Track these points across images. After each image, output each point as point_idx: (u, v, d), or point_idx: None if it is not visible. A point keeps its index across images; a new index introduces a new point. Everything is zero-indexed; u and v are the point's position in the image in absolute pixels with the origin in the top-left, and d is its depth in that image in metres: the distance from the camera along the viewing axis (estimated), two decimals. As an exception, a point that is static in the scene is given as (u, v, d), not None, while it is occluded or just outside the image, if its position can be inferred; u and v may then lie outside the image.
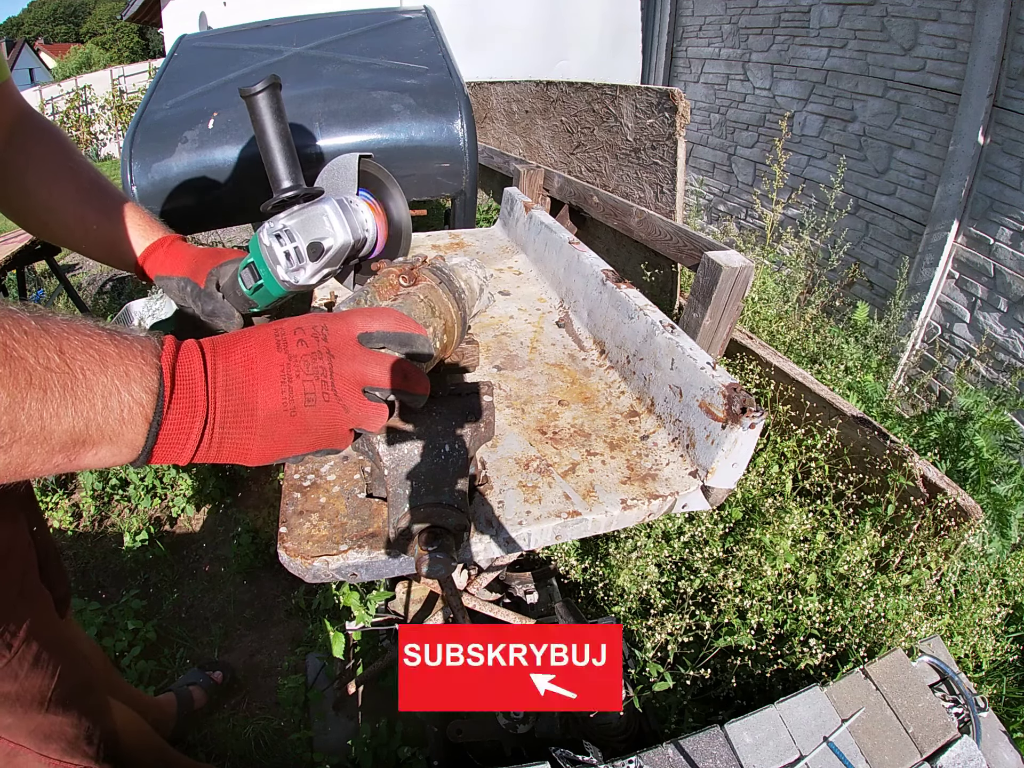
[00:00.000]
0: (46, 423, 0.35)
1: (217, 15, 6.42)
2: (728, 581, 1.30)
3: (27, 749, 0.77)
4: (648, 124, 2.03)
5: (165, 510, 2.15)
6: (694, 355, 0.72)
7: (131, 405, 0.38)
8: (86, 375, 0.36)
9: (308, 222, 0.64)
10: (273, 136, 0.66)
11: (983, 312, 3.04)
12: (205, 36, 2.38)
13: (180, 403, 0.40)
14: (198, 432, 0.41)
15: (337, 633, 1.47)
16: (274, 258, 0.65)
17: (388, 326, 0.49)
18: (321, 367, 0.45)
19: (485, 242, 1.36)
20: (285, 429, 0.44)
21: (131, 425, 0.39)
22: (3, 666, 0.71)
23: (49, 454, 0.36)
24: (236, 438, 0.43)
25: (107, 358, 0.38)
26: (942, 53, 3.11)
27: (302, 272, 0.65)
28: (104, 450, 0.39)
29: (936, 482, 1.34)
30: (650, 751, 0.99)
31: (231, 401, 0.42)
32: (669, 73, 5.48)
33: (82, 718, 0.85)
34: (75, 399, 0.36)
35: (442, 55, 2.04)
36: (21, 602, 0.75)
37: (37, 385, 0.34)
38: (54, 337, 0.36)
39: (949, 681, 1.16)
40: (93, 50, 26.52)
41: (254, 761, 1.45)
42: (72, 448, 0.37)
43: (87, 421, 0.36)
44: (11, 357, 0.33)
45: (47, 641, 0.78)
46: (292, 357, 0.44)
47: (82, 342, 0.37)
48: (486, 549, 0.61)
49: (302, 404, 0.44)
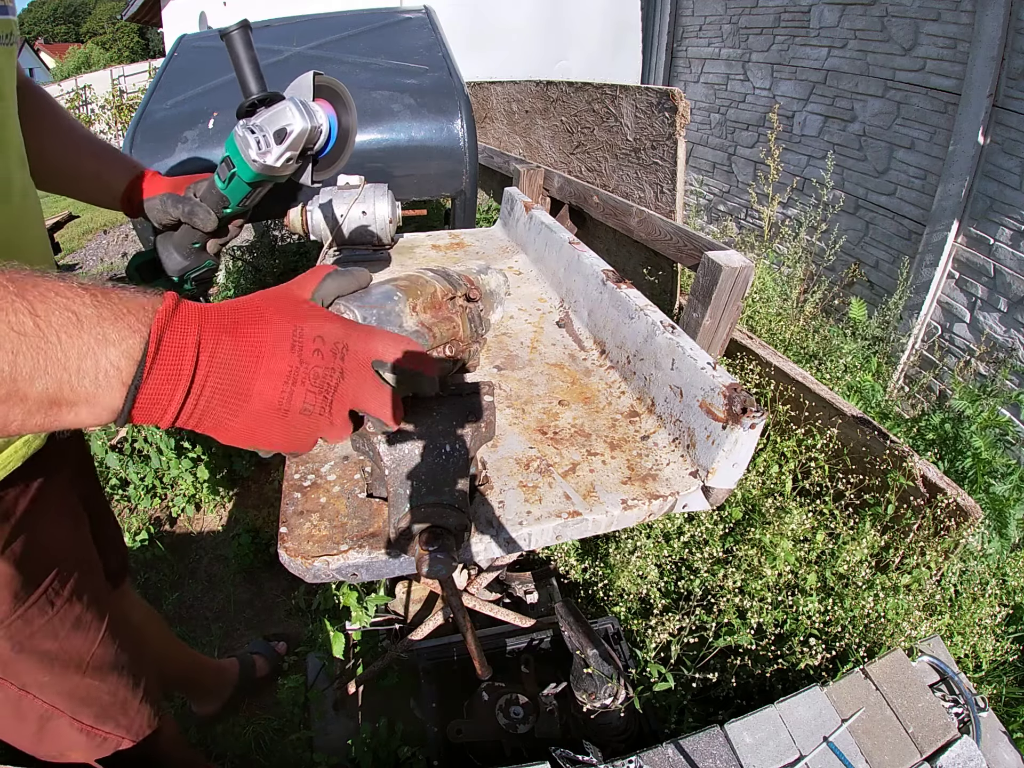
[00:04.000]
0: (19, 386, 0.35)
1: (217, 15, 6.42)
2: (728, 581, 1.30)
3: (60, 712, 0.78)
4: (648, 124, 2.03)
5: (165, 510, 2.15)
6: (694, 355, 0.72)
7: (107, 368, 0.38)
8: (60, 338, 0.36)
9: (274, 116, 0.78)
10: (245, 61, 0.82)
11: (983, 312, 3.04)
12: (205, 36, 2.38)
13: (162, 370, 0.40)
14: (179, 401, 0.41)
15: (337, 633, 1.47)
16: (246, 144, 0.78)
17: (406, 363, 0.49)
18: (328, 384, 0.45)
19: (485, 242, 1.36)
20: (270, 425, 0.44)
21: (107, 389, 0.39)
22: (44, 623, 0.72)
23: (28, 414, 0.37)
24: (218, 415, 0.43)
25: (84, 321, 0.37)
26: (942, 53, 3.11)
27: (269, 155, 0.78)
28: (83, 410, 0.39)
29: (936, 482, 1.34)
30: (650, 751, 0.99)
31: (225, 379, 0.42)
32: (669, 73, 5.48)
33: (120, 688, 0.86)
34: (48, 362, 0.36)
35: (442, 55, 2.04)
36: (67, 562, 0.76)
37: (8, 349, 0.35)
38: (29, 300, 0.36)
39: (949, 681, 1.16)
40: (93, 50, 26.52)
41: (254, 761, 1.45)
42: (49, 408, 0.37)
43: (60, 384, 0.37)
44: None
45: (91, 605, 0.79)
46: (304, 363, 0.44)
47: (59, 304, 0.37)
48: (486, 549, 0.61)
49: (297, 410, 0.44)
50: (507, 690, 1.18)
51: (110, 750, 0.87)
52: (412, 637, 1.23)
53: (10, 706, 0.74)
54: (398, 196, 1.28)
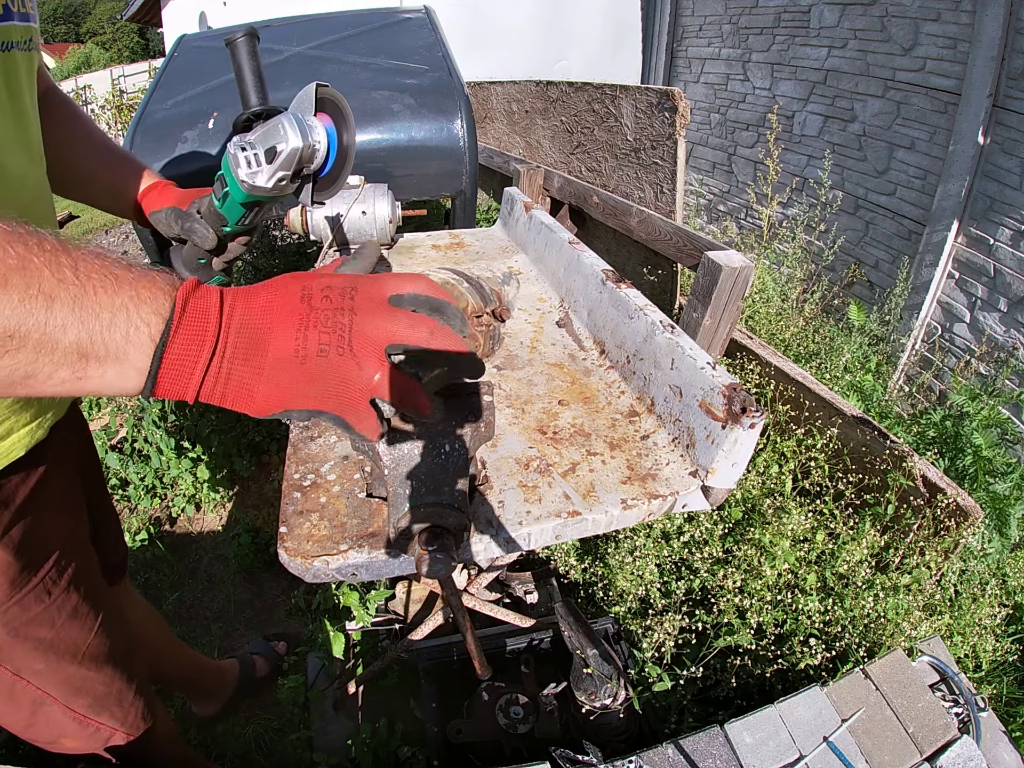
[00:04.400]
0: (51, 331, 0.36)
1: (217, 15, 6.43)
2: (728, 581, 1.30)
3: (54, 699, 0.79)
4: (648, 124, 2.03)
5: (165, 510, 2.15)
6: (694, 355, 0.72)
7: (138, 324, 0.39)
8: (97, 293, 0.38)
9: (267, 133, 0.75)
10: (248, 71, 0.79)
11: (983, 312, 3.04)
12: (205, 36, 2.38)
13: (189, 329, 0.41)
14: (204, 362, 0.41)
15: (337, 633, 1.47)
16: (237, 163, 0.75)
17: (421, 289, 0.48)
18: (340, 323, 0.44)
19: (485, 242, 1.36)
20: (292, 375, 0.43)
21: (136, 345, 0.39)
22: (41, 611, 0.73)
23: (54, 366, 0.38)
24: (242, 376, 0.43)
25: (121, 281, 0.39)
26: (942, 53, 3.11)
27: (260, 175, 0.75)
28: (110, 370, 0.39)
29: (936, 482, 1.34)
30: (650, 751, 0.99)
31: (243, 338, 0.43)
32: (669, 73, 5.48)
33: (115, 679, 0.86)
34: (82, 312, 0.37)
35: (442, 55, 2.04)
36: (66, 553, 0.77)
37: (47, 294, 0.36)
38: (72, 257, 0.38)
39: (949, 681, 1.16)
40: (93, 50, 26.50)
41: (254, 761, 1.45)
42: (77, 362, 0.38)
43: (91, 334, 0.38)
44: (27, 267, 0.36)
45: (88, 596, 0.80)
46: (313, 309, 0.44)
47: (100, 264, 0.39)
48: (486, 549, 0.61)
49: (314, 353, 0.43)
50: (507, 690, 1.18)
51: (102, 742, 0.88)
52: (412, 637, 1.23)
53: (3, 690, 0.75)
54: (398, 196, 1.28)
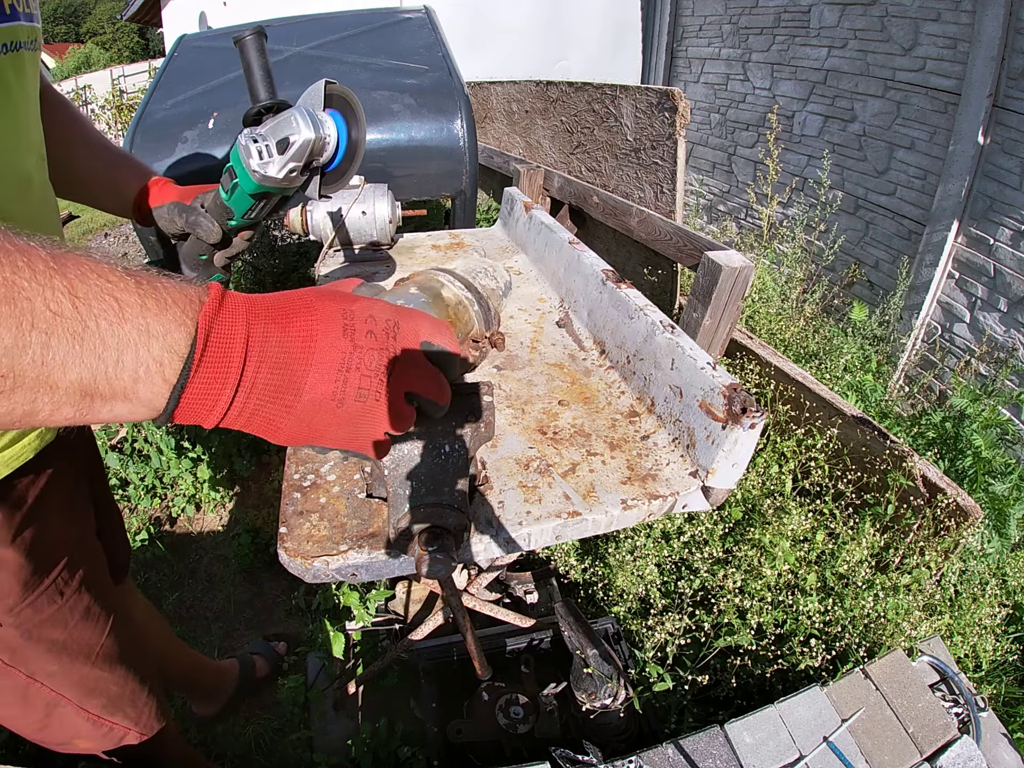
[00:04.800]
0: (50, 372, 0.32)
1: (217, 15, 6.43)
2: (728, 581, 1.30)
3: (68, 700, 0.79)
4: (648, 124, 2.03)
5: (165, 510, 2.15)
6: (694, 355, 0.72)
7: (148, 363, 0.35)
8: (99, 325, 0.33)
9: (279, 124, 0.75)
10: (256, 67, 0.80)
11: (983, 312, 3.04)
12: (205, 36, 2.38)
13: (210, 368, 0.37)
14: (227, 400, 0.38)
15: (337, 633, 1.47)
16: (248, 153, 0.75)
17: (449, 346, 0.49)
18: (381, 367, 0.43)
19: (485, 242, 1.36)
20: (326, 419, 0.42)
21: (147, 384, 0.36)
22: (53, 612, 0.72)
23: (56, 405, 0.34)
24: (270, 414, 0.40)
25: (127, 309, 0.34)
26: (942, 53, 3.11)
27: (271, 165, 0.75)
28: (119, 406, 0.36)
29: (936, 482, 1.34)
30: (650, 751, 0.99)
31: (276, 376, 0.39)
32: (669, 73, 5.48)
33: (128, 679, 0.86)
34: (83, 350, 0.33)
35: (442, 55, 2.04)
36: (76, 554, 0.77)
37: (41, 330, 0.32)
38: (69, 280, 0.33)
39: (949, 681, 1.16)
40: (93, 50, 26.50)
41: (254, 761, 1.45)
42: (82, 400, 0.35)
43: (95, 374, 0.34)
44: (16, 297, 0.31)
45: (99, 597, 0.80)
46: (356, 348, 0.42)
47: (101, 288, 0.34)
48: (486, 549, 0.61)
49: (353, 398, 0.42)
50: (507, 690, 1.18)
51: (116, 741, 0.87)
52: (412, 637, 1.23)
53: (17, 694, 0.75)
54: (398, 196, 1.28)
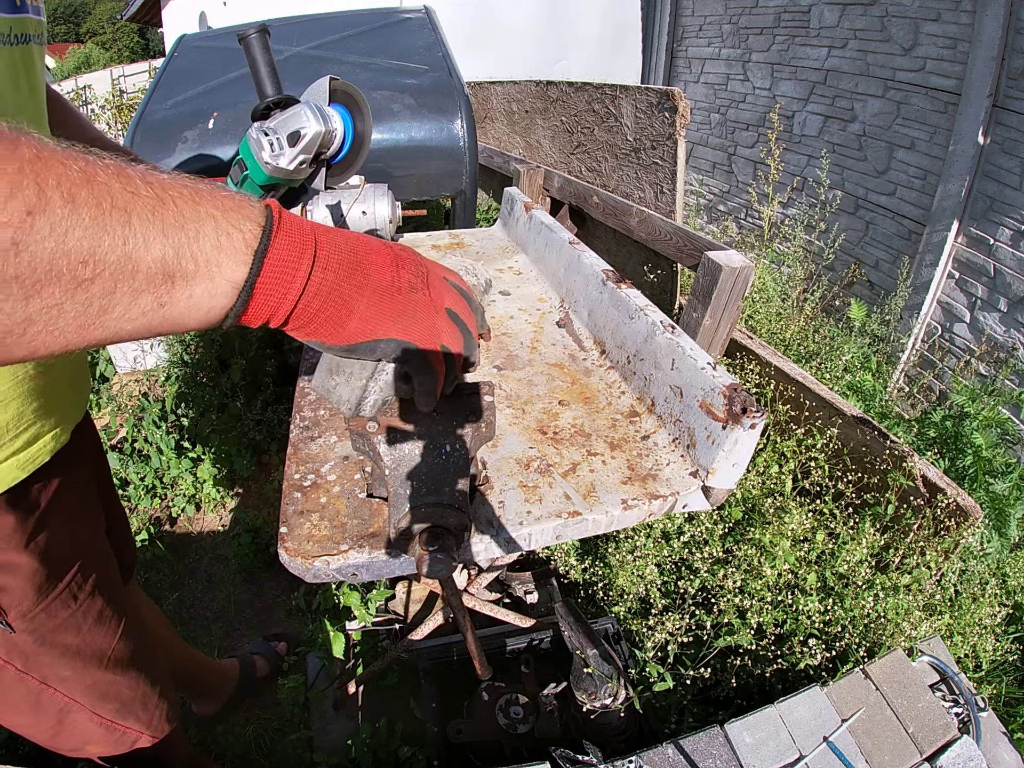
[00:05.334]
0: (132, 250, 0.31)
1: (217, 15, 6.42)
2: (728, 581, 1.30)
3: (81, 706, 0.78)
4: (648, 124, 2.03)
5: (165, 510, 2.15)
6: (694, 355, 0.72)
7: (229, 231, 0.35)
8: (176, 203, 0.33)
9: (288, 119, 0.78)
10: (262, 64, 0.83)
11: (983, 312, 3.04)
12: (205, 36, 2.38)
13: (288, 235, 0.37)
14: (306, 270, 0.38)
15: (337, 633, 1.47)
16: (259, 146, 0.78)
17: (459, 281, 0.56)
18: (422, 272, 0.49)
19: (485, 242, 1.36)
20: (390, 301, 0.45)
21: (229, 253, 0.35)
22: (67, 617, 0.72)
23: (136, 293, 0.32)
24: (345, 292, 0.42)
25: (200, 192, 0.35)
26: (942, 53, 3.11)
27: (282, 157, 0.78)
28: (199, 287, 0.34)
29: (936, 482, 1.34)
30: (650, 751, 0.99)
31: (346, 256, 0.42)
32: (669, 73, 5.48)
33: (140, 682, 0.86)
34: (164, 224, 0.32)
35: (442, 55, 2.04)
36: (89, 557, 0.76)
37: (121, 208, 0.31)
38: (139, 171, 0.33)
39: (949, 681, 1.16)
40: (93, 50, 26.49)
41: (254, 761, 1.45)
42: (162, 284, 0.33)
43: (177, 248, 0.33)
44: (93, 181, 0.30)
45: (111, 599, 0.80)
46: (398, 256, 0.47)
47: (170, 177, 0.34)
48: (486, 549, 0.61)
49: (407, 288, 0.46)
50: (507, 690, 1.18)
51: (128, 746, 0.87)
52: (412, 637, 1.23)
53: (30, 700, 0.74)
54: (398, 196, 1.28)
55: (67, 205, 0.29)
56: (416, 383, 0.50)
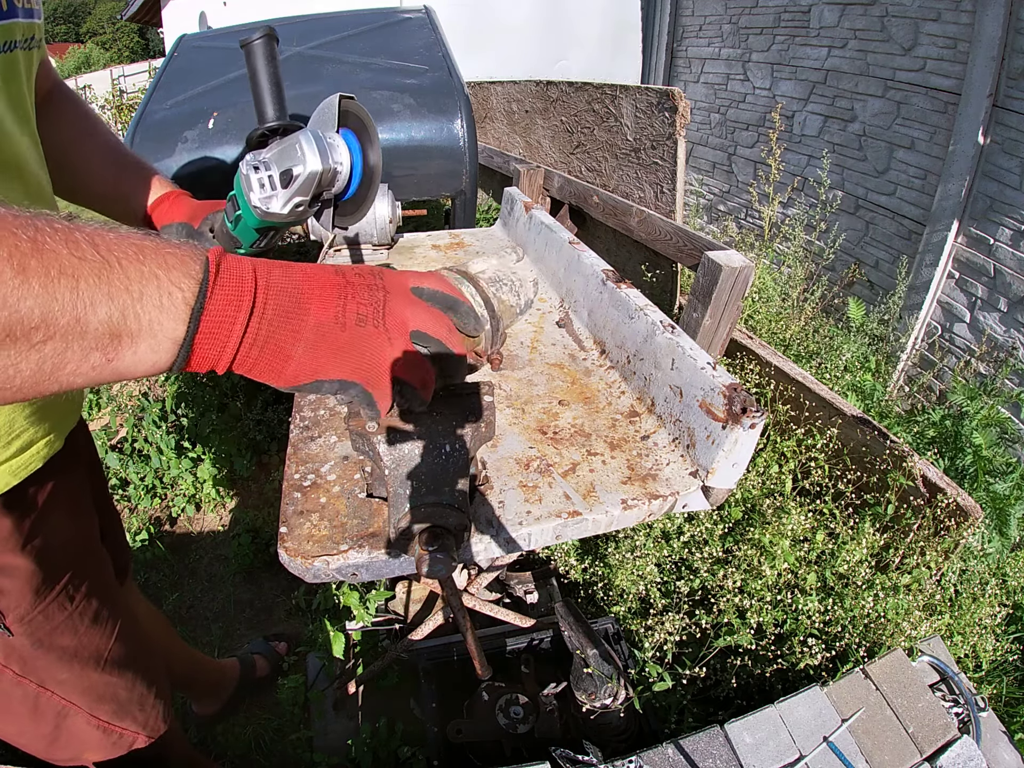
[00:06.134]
0: (80, 313, 0.33)
1: (217, 15, 6.43)
2: (728, 581, 1.30)
3: (78, 708, 0.78)
4: (648, 124, 2.03)
5: (165, 510, 2.15)
6: (694, 355, 0.72)
7: (171, 290, 0.37)
8: (122, 264, 0.35)
9: (283, 152, 0.67)
10: (264, 78, 0.72)
11: (983, 312, 3.04)
12: (205, 36, 2.38)
13: (225, 288, 0.39)
14: (243, 323, 0.39)
15: (337, 633, 1.47)
16: (249, 185, 0.68)
17: (438, 286, 0.53)
18: (376, 298, 0.46)
19: (485, 242, 1.36)
20: (331, 342, 0.44)
21: (170, 313, 0.37)
22: (64, 619, 0.72)
23: (85, 352, 0.35)
24: (281, 339, 0.42)
25: (144, 250, 0.37)
26: (942, 53, 3.11)
27: (274, 200, 0.67)
28: (143, 346, 0.37)
29: (936, 482, 1.34)
30: (650, 751, 0.99)
31: (284, 301, 0.42)
32: (669, 73, 5.48)
33: (136, 683, 0.86)
34: (110, 287, 0.34)
35: (442, 55, 2.04)
36: (84, 558, 0.76)
37: (69, 274, 0.33)
38: (87, 233, 0.35)
39: (949, 681, 1.16)
40: (93, 50, 26.50)
41: (254, 761, 1.45)
42: (110, 343, 0.35)
43: (123, 309, 0.35)
44: (42, 250, 0.32)
45: (107, 601, 0.79)
46: (349, 283, 0.46)
47: (117, 237, 0.36)
48: (486, 549, 0.61)
49: (353, 322, 0.44)
50: (507, 690, 1.18)
51: (125, 748, 0.87)
52: (412, 637, 1.23)
53: (28, 705, 0.74)
54: (398, 196, 1.28)
55: (18, 276, 0.31)
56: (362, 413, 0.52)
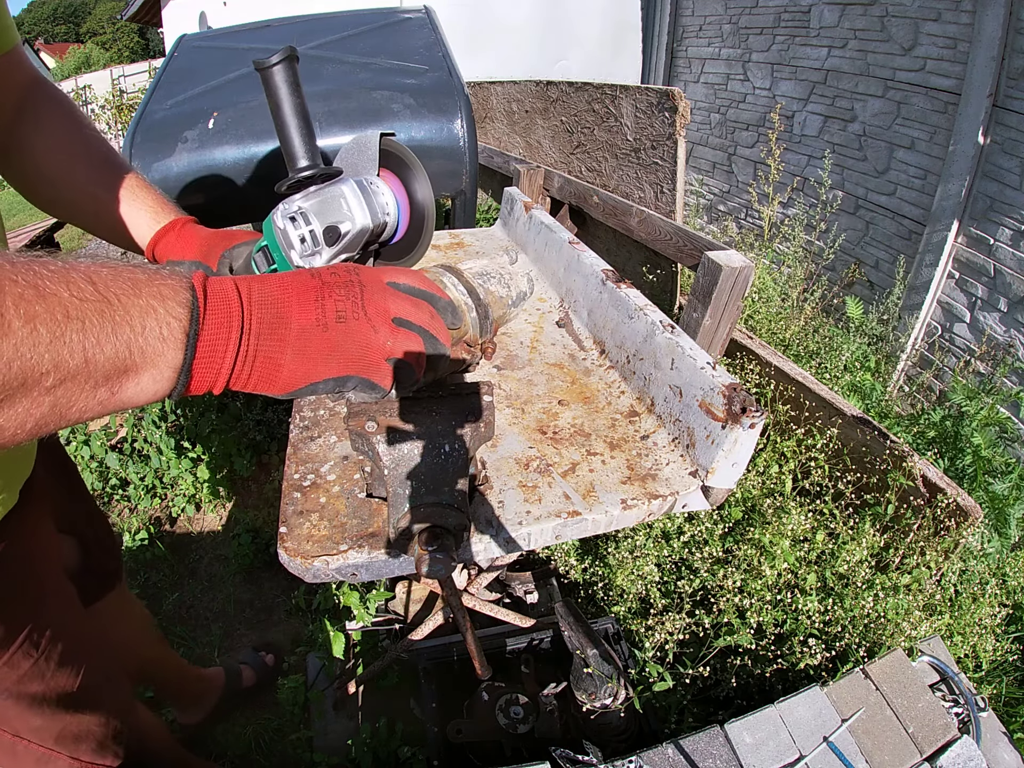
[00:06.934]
0: (89, 354, 0.34)
1: (217, 15, 6.43)
2: (728, 581, 1.30)
3: (59, 754, 0.76)
4: (648, 124, 2.03)
5: (165, 510, 2.15)
6: (694, 355, 0.72)
7: (168, 321, 0.38)
8: (121, 300, 0.36)
9: (325, 204, 0.60)
10: (289, 112, 0.62)
11: (983, 312, 3.04)
12: (205, 36, 2.38)
13: (215, 312, 0.41)
14: (235, 343, 0.41)
15: (337, 633, 1.47)
16: (288, 242, 0.61)
17: (414, 282, 0.53)
18: (353, 292, 0.47)
19: (485, 242, 1.36)
20: (317, 344, 0.45)
21: (171, 342, 0.39)
22: (30, 667, 0.70)
23: (93, 389, 0.36)
24: (269, 351, 0.43)
25: (139, 283, 0.38)
26: (942, 53, 3.11)
27: (317, 257, 0.62)
28: (146, 376, 0.38)
29: (936, 482, 1.34)
30: (650, 751, 0.99)
31: (266, 313, 0.43)
32: (669, 73, 5.48)
33: (110, 717, 0.84)
34: (114, 324, 0.36)
35: (442, 55, 2.04)
36: (48, 601, 0.74)
37: (75, 317, 0.34)
38: (82, 272, 0.36)
39: (949, 681, 1.16)
40: (93, 50, 26.52)
41: (254, 761, 1.45)
42: (115, 378, 0.37)
43: (128, 344, 0.36)
44: (44, 295, 0.33)
45: (73, 638, 0.77)
46: (324, 283, 0.47)
47: (111, 273, 0.37)
48: (486, 549, 0.61)
49: (333, 320, 0.45)
50: (507, 690, 1.18)
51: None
52: (412, 637, 1.23)
53: (5, 754, 0.72)
54: (398, 196, 1.28)
55: (27, 325, 0.32)
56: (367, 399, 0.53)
